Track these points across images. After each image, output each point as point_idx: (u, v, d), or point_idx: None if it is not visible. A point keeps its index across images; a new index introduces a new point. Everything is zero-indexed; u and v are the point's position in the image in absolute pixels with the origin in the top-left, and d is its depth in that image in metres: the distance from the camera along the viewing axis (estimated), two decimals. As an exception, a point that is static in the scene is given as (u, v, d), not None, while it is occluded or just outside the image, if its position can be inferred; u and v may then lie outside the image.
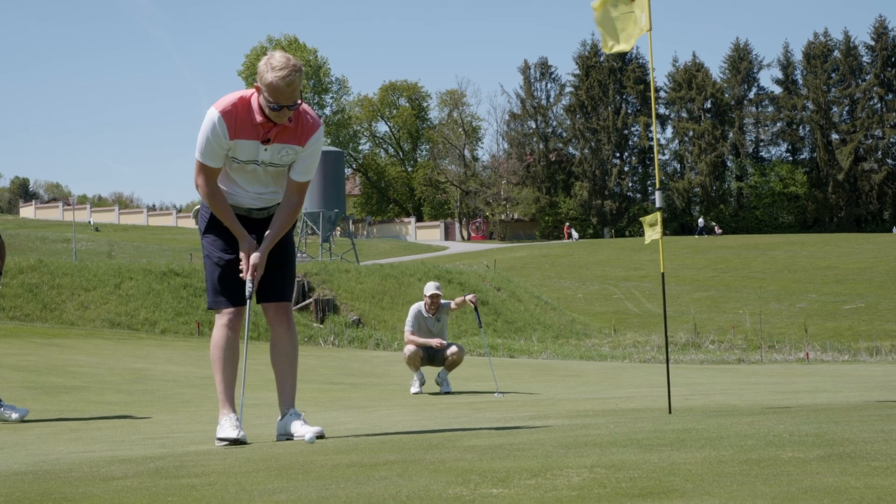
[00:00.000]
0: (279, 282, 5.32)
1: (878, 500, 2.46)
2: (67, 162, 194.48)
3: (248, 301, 5.20)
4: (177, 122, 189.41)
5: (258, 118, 5.01)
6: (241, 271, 5.23)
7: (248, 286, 5.15)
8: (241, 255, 5.18)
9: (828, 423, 4.61)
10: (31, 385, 10.72)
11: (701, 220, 78.88)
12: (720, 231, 78.39)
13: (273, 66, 4.90)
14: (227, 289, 5.23)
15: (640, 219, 7.09)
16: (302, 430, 5.10)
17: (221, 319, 5.27)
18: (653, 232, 6.78)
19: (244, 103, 5.04)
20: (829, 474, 2.89)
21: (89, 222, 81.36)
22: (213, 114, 5.01)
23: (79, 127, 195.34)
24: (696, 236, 73.22)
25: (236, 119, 5.00)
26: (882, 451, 3.35)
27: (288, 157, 5.15)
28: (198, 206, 5.42)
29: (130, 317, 24.73)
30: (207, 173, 5.10)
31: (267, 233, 5.24)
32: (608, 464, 3.28)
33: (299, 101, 5.01)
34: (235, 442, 4.99)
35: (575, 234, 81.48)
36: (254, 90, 5.05)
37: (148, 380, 12.39)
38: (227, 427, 5.09)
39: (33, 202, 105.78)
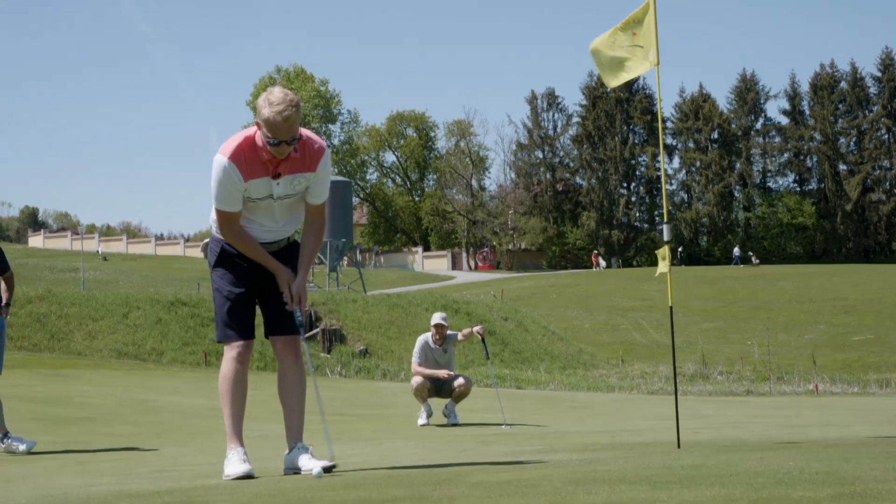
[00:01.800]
0: (287, 315, 5.32)
1: (890, 542, 2.44)
2: (76, 191, 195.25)
3: (301, 330, 5.24)
4: (185, 153, 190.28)
5: (265, 155, 5.04)
6: (252, 305, 5.26)
7: (298, 316, 5.20)
8: (281, 286, 5.20)
9: (838, 461, 4.58)
10: (38, 416, 10.71)
11: (737, 250, 78.70)
12: (757, 261, 77.89)
13: (271, 101, 4.95)
14: (237, 322, 5.25)
15: (657, 252, 7.10)
16: (310, 464, 5.08)
17: (230, 352, 5.27)
18: (663, 265, 6.80)
19: (249, 143, 5.06)
20: (840, 514, 2.87)
21: (97, 251, 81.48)
22: (221, 161, 5.02)
23: (88, 157, 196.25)
24: (733, 266, 73.10)
25: (245, 161, 5.03)
26: (893, 490, 3.33)
27: (300, 185, 5.19)
28: (207, 240, 5.44)
29: (138, 346, 24.73)
30: (229, 218, 5.14)
31: (301, 259, 5.34)
32: (617, 501, 3.26)
33: (298, 136, 5.04)
34: (244, 477, 4.98)
35: (603, 263, 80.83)
36: (255, 127, 5.08)
37: (155, 411, 12.37)
38: (236, 461, 5.08)
39: (42, 231, 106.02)
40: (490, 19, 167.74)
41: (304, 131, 5.14)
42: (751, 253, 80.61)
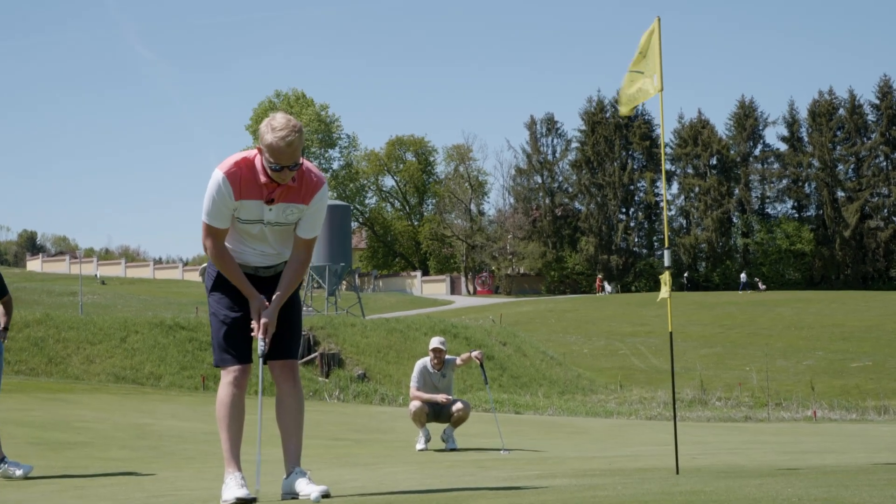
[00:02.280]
0: (286, 339, 5.32)
1: (889, 569, 2.44)
2: (75, 215, 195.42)
3: (261, 360, 5.21)
4: (184, 177, 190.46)
5: (262, 179, 5.06)
6: (249, 329, 5.26)
7: (261, 345, 5.17)
8: (252, 314, 5.20)
9: (837, 487, 4.58)
10: (35, 441, 10.68)
11: (744, 276, 78.74)
12: (764, 287, 77.87)
13: (274, 127, 4.97)
14: (233, 346, 5.24)
15: (660, 277, 7.12)
16: (307, 488, 5.08)
17: (227, 377, 5.27)
18: (665, 290, 6.82)
19: (248, 164, 5.09)
20: (838, 541, 2.87)
21: (96, 275, 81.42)
22: (217, 175, 5.06)
23: (87, 181, 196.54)
24: (740, 292, 73.12)
25: (241, 179, 5.05)
26: (892, 516, 3.32)
27: (293, 215, 5.20)
28: (205, 265, 5.45)
29: (136, 371, 24.67)
30: (215, 234, 5.14)
31: (277, 292, 5.27)
32: (616, 528, 3.26)
33: (301, 162, 5.06)
34: (242, 502, 4.97)
35: (608, 288, 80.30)
36: (256, 151, 5.10)
37: (152, 435, 12.34)
38: (233, 486, 5.07)
39: (40, 255, 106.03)
40: (489, 44, 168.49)
41: (306, 163, 5.16)
42: (757, 279, 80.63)
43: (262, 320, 5.17)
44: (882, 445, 11.79)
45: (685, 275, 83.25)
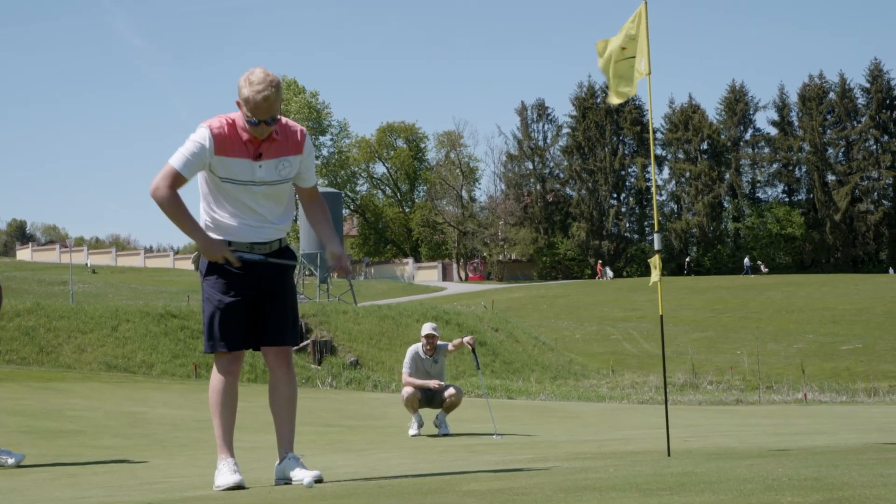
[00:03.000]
0: (280, 325, 5.29)
1: (878, 546, 2.45)
2: (65, 204, 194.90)
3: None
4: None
5: (245, 135, 5.07)
6: (243, 315, 5.22)
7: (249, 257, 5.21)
8: (215, 257, 5.13)
9: (827, 467, 4.60)
10: (27, 429, 10.67)
11: (747, 260, 79.00)
12: (766, 270, 78.03)
13: (251, 81, 4.99)
14: (227, 333, 5.21)
15: (649, 260, 7.13)
16: (300, 474, 5.08)
17: (220, 364, 5.26)
18: (655, 274, 6.82)
19: (230, 122, 5.12)
20: (828, 519, 2.89)
21: (86, 264, 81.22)
22: (202, 128, 5.10)
23: (76, 169, 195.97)
24: (743, 276, 73.29)
25: (224, 137, 5.07)
26: (881, 495, 3.35)
27: (286, 169, 5.18)
28: (197, 252, 5.40)
29: (127, 359, 24.64)
30: (173, 178, 5.09)
31: (322, 231, 5.45)
32: (607, 509, 3.27)
33: (278, 117, 5.08)
34: (235, 487, 4.98)
35: (609, 273, 79.77)
36: (237, 111, 5.12)
37: (145, 423, 12.33)
38: (226, 472, 5.07)
39: (30, 244, 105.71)
40: (480, 30, 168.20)
41: (282, 118, 5.19)
42: (760, 262, 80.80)
43: (337, 254, 5.35)
44: (872, 426, 11.84)
45: (687, 259, 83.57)
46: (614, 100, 7.15)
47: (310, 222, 5.48)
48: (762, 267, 78.66)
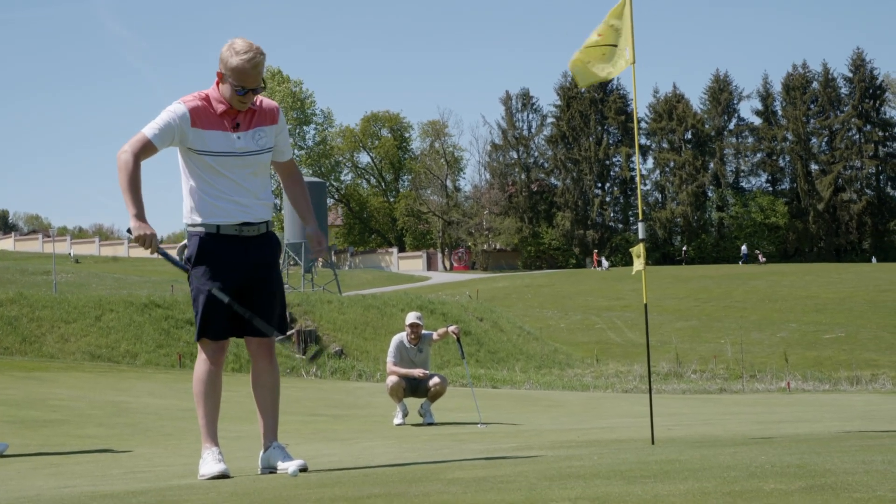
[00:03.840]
0: (264, 315, 5.26)
1: (860, 532, 2.47)
2: (47, 194, 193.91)
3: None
4: (157, 155, 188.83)
5: (220, 107, 5.08)
6: (230, 304, 5.19)
7: (220, 296, 5.16)
8: (137, 240, 5.04)
9: (810, 454, 4.63)
10: (10, 419, 10.63)
11: (744, 248, 79.10)
12: (764, 259, 78.11)
13: (237, 50, 5.03)
14: (211, 321, 5.19)
15: (630, 249, 7.14)
16: (285, 463, 5.08)
17: (204, 352, 5.24)
18: (638, 263, 6.83)
19: (204, 97, 5.15)
20: (811, 506, 2.90)
21: (69, 254, 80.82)
22: (176, 103, 5.12)
23: (59, 158, 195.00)
24: (741, 264, 73.35)
25: (199, 110, 5.09)
26: (863, 482, 3.37)
27: (263, 139, 5.19)
28: (184, 242, 5.36)
29: (111, 349, 24.58)
30: (143, 144, 5.08)
31: (300, 209, 5.44)
32: (592, 496, 3.28)
33: (263, 85, 5.09)
34: (219, 476, 4.97)
35: (605, 263, 78.48)
36: (212, 87, 5.11)
37: (129, 413, 12.30)
38: (210, 461, 5.06)
39: (13, 234, 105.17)
40: (464, 19, 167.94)
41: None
42: (758, 251, 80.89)
43: (315, 237, 5.40)
44: (854, 414, 11.92)
45: (683, 248, 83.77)
46: (582, 83, 7.13)
47: (289, 197, 5.52)
48: (760, 256, 78.65)
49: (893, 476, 3.51)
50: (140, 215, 5.04)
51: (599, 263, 78.80)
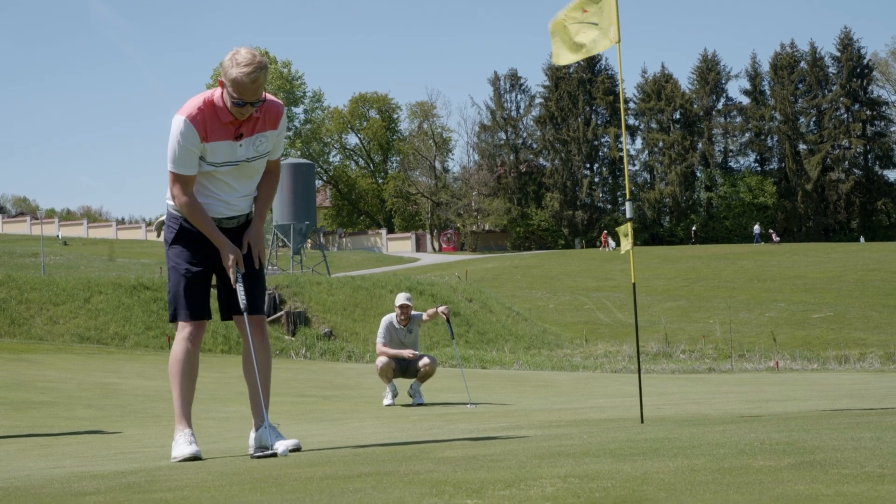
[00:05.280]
0: (250, 294, 5.26)
1: (849, 507, 2.48)
2: (35, 176, 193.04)
3: (245, 314, 5.17)
4: (146, 136, 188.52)
5: (226, 117, 4.99)
6: (208, 285, 5.20)
7: (242, 299, 5.12)
8: (227, 264, 5.12)
9: (798, 432, 4.65)
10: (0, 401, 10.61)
11: (757, 227, 79.04)
12: (777, 239, 78.06)
13: (238, 62, 4.87)
14: (192, 301, 5.18)
15: (616, 229, 7.12)
16: (279, 442, 5.07)
17: (183, 332, 5.21)
18: (626, 242, 6.82)
19: (209, 105, 4.99)
20: (799, 482, 2.92)
21: (58, 236, 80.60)
22: (179, 121, 4.96)
23: (47, 140, 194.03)
24: (755, 244, 73.34)
25: (205, 122, 4.96)
26: (851, 458, 3.38)
27: (263, 145, 5.15)
28: (162, 218, 5.36)
29: (100, 331, 24.54)
30: (183, 182, 5.05)
31: (257, 205, 5.35)
32: (581, 474, 3.29)
33: (263, 98, 5.00)
34: (191, 458, 4.95)
35: (612, 243, 76.96)
36: (217, 87, 5.02)
37: (118, 394, 12.29)
38: (182, 444, 5.05)
39: (0, 216, 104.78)
40: (452, 0, 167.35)
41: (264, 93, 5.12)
42: (771, 231, 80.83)
43: (250, 239, 5.24)
44: (842, 393, 11.97)
45: (693, 228, 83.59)
46: (563, 60, 7.06)
47: (257, 189, 5.40)
48: (774, 236, 78.46)
49: (881, 452, 3.53)
50: (225, 240, 5.15)
51: (607, 244, 78.47)
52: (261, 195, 5.37)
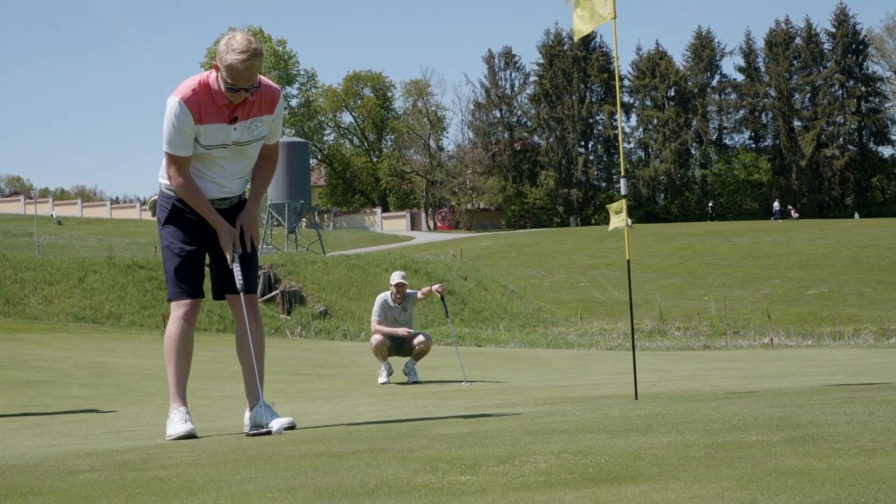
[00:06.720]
0: (244, 273, 5.26)
1: (840, 481, 2.49)
2: (29, 155, 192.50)
3: (242, 293, 5.16)
4: (139, 115, 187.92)
5: (221, 100, 4.97)
6: (202, 263, 5.20)
7: (238, 279, 5.12)
8: (224, 245, 5.13)
9: (791, 407, 4.66)
10: (-6, 380, 10.61)
11: (776, 204, 78.98)
12: (797, 215, 77.95)
13: (233, 48, 4.84)
14: (186, 280, 5.18)
15: (607, 206, 7.11)
16: (274, 420, 5.08)
17: (178, 311, 5.22)
18: (617, 219, 6.81)
19: (204, 87, 4.97)
20: (792, 456, 2.93)
21: (52, 216, 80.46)
22: (174, 101, 4.94)
23: (40, 120, 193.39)
24: (772, 220, 73.29)
25: (199, 104, 4.94)
26: (844, 433, 3.39)
27: (258, 129, 5.13)
28: (155, 198, 5.36)
29: (95, 310, 24.53)
30: (179, 163, 5.04)
31: (253, 188, 5.33)
32: (575, 450, 3.30)
33: (257, 84, 4.97)
34: (186, 436, 4.96)
35: (629, 221, 77.56)
36: (212, 70, 4.99)
37: (113, 373, 12.30)
38: (178, 421, 5.06)
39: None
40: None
41: (259, 76, 5.08)
42: (790, 207, 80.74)
43: (243, 221, 5.21)
44: (836, 368, 12.01)
45: (710, 205, 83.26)
46: (584, 30, 6.99)
47: (253, 171, 5.37)
48: (792, 212, 78.36)
49: (874, 426, 3.54)
50: (223, 222, 5.15)
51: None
52: (257, 178, 5.35)
